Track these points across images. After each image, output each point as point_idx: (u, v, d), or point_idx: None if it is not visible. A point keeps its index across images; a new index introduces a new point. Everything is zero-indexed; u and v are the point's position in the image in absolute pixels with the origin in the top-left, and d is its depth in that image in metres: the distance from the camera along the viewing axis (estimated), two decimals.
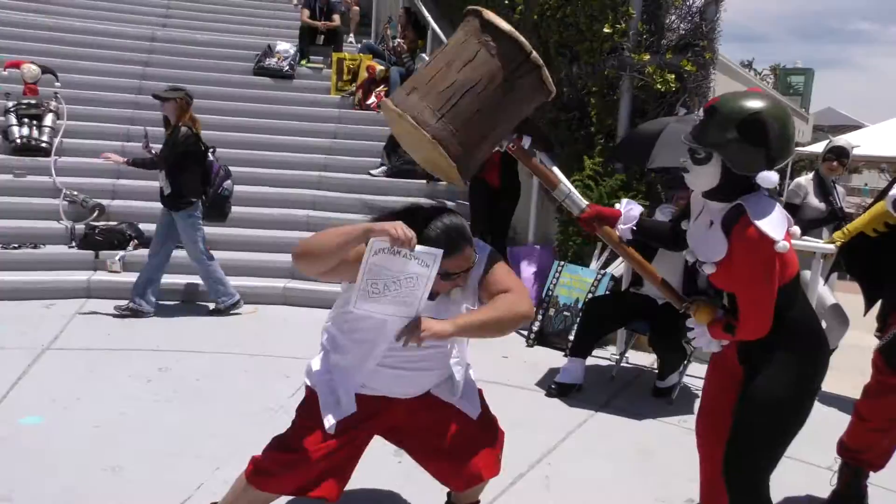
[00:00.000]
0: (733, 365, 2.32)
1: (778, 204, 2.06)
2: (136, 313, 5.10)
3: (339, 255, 2.06)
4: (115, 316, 5.08)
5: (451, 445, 2.42)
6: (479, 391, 2.55)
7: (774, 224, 2.00)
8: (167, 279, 5.60)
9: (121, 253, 5.74)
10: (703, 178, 2.09)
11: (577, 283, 5.13)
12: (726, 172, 2.04)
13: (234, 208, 6.52)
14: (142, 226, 6.04)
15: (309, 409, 2.35)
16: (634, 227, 2.45)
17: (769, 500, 2.26)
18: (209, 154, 5.31)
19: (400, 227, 1.98)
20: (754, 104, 1.99)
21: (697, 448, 2.59)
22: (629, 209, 2.47)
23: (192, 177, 5.16)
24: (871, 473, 3.16)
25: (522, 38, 2.13)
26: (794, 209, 4.98)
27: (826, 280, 4.80)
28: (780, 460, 2.26)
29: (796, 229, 2.21)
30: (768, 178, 1.99)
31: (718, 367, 2.47)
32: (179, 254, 5.93)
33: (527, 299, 2.22)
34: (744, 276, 2.07)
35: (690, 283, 4.19)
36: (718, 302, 2.29)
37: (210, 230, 6.23)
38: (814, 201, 4.92)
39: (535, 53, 2.15)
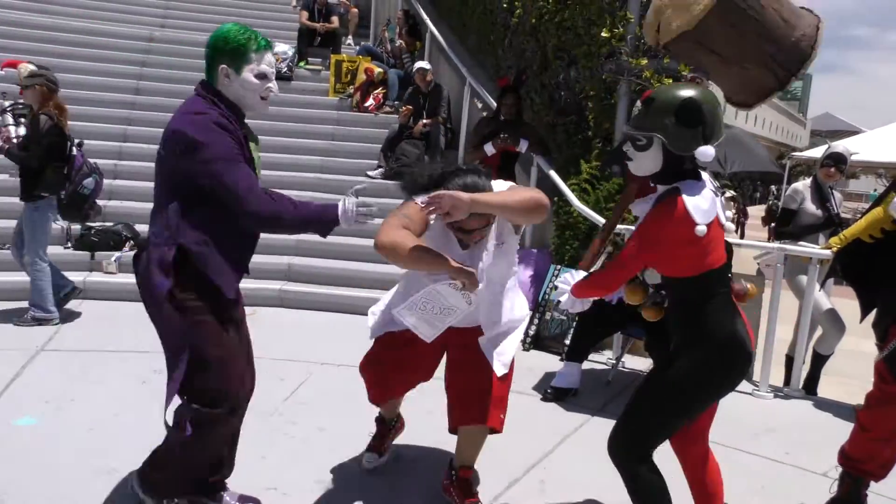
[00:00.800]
0: None
1: (712, 194, 2.22)
2: (41, 322, 4.81)
3: (415, 269, 2.57)
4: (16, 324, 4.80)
5: (467, 384, 2.79)
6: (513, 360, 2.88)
7: (700, 209, 2.15)
8: None
9: (117, 254, 5.72)
10: (645, 162, 2.25)
11: None
12: (667, 155, 2.21)
13: None
14: (139, 227, 6.02)
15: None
16: None
17: (648, 462, 2.36)
18: (74, 148, 4.92)
19: (475, 276, 2.36)
20: (687, 92, 2.20)
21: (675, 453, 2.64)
22: None
23: (51, 171, 4.73)
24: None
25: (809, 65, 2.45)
26: (790, 214, 4.98)
27: (822, 286, 4.80)
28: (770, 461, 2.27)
29: (730, 225, 2.34)
30: (705, 152, 2.16)
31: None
32: None
33: (540, 192, 2.54)
34: (637, 228, 2.22)
35: None
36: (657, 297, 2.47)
37: None
38: (810, 207, 4.92)
39: (797, 78, 2.53)
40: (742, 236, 18.02)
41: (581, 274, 2.47)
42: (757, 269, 7.48)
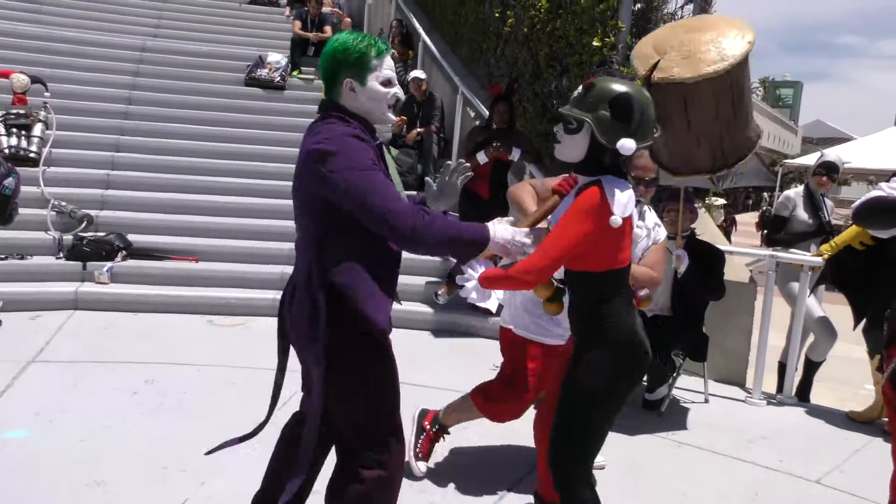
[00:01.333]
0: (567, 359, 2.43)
1: (632, 191, 2.23)
2: None
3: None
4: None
5: None
6: None
7: (620, 202, 2.17)
8: (158, 290, 5.57)
9: (109, 264, 5.69)
10: (572, 147, 2.25)
11: None
12: (593, 144, 2.21)
13: (226, 219, 6.53)
14: (131, 236, 6.00)
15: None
16: None
17: (590, 485, 2.36)
18: None
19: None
20: (625, 87, 2.22)
21: (536, 434, 2.79)
22: None
23: None
24: None
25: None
26: (782, 222, 5.00)
27: (813, 292, 4.82)
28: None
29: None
30: (626, 145, 2.16)
31: (559, 361, 2.87)
32: (162, 265, 5.90)
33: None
34: (564, 216, 2.21)
35: (679, 295, 4.21)
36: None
37: (202, 241, 6.22)
38: (802, 214, 4.95)
39: (726, 172, 2.75)
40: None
41: (488, 265, 2.37)
42: (749, 276, 7.48)
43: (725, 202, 21.26)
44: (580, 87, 2.29)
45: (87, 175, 6.71)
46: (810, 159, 6.82)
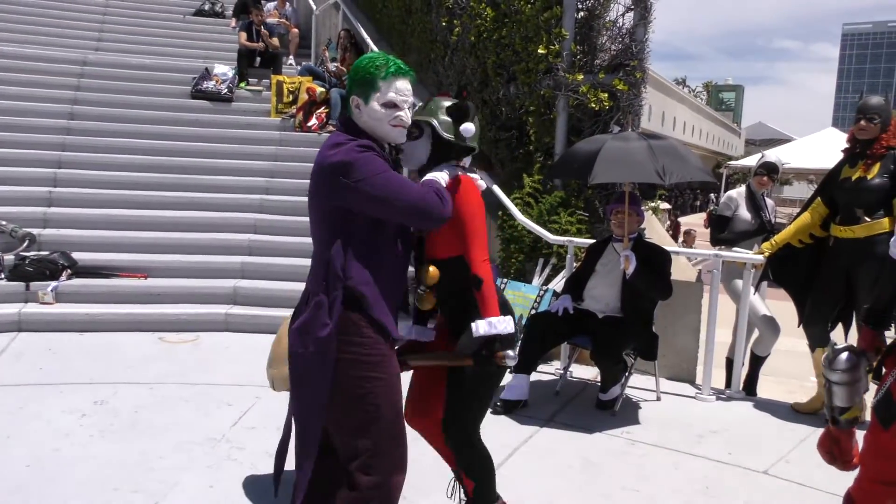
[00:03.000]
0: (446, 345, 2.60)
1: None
2: None
3: None
4: None
5: None
6: None
7: (479, 183, 2.50)
8: (106, 308, 5.45)
9: (53, 283, 5.55)
10: (417, 151, 2.52)
11: (520, 300, 5.18)
12: (436, 144, 2.50)
13: (175, 234, 6.42)
14: (75, 255, 5.86)
15: None
16: None
17: (483, 445, 2.67)
18: None
19: None
20: (454, 102, 2.54)
21: (418, 431, 2.78)
22: None
23: None
24: None
25: None
26: (725, 221, 5.15)
27: (757, 289, 4.97)
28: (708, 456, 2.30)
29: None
30: (468, 128, 2.48)
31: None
32: (109, 283, 5.77)
33: None
34: (467, 215, 2.41)
35: (628, 295, 4.30)
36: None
37: (150, 257, 6.11)
38: (745, 214, 5.10)
39: None
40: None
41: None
42: (697, 275, 7.67)
43: (670, 207, 21.13)
44: (419, 104, 2.58)
45: (29, 193, 6.54)
46: (753, 160, 7.03)
